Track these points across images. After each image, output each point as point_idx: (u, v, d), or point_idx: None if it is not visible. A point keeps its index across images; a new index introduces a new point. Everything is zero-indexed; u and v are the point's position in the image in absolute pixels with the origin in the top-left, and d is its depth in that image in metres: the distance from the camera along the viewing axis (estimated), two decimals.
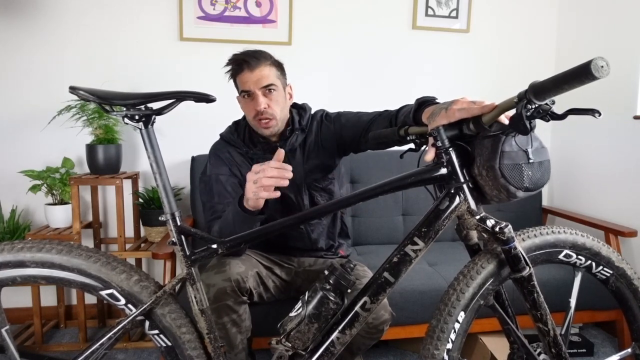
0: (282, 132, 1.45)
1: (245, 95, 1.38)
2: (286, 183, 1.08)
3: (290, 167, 1.09)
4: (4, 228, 2.13)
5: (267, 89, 1.36)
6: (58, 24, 2.19)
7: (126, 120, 0.93)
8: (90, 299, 2.24)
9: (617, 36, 2.20)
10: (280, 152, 1.10)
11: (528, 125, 0.81)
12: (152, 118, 0.95)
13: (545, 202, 2.62)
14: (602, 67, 0.68)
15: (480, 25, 2.55)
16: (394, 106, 1.34)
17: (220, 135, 1.53)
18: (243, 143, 1.46)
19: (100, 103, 0.92)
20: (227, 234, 1.13)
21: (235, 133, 1.49)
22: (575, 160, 2.49)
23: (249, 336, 1.39)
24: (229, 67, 1.39)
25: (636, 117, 2.08)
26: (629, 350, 1.14)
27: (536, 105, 0.81)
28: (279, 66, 1.42)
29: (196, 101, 0.95)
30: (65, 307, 2.28)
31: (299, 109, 1.51)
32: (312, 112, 1.53)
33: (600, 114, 0.79)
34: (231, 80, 1.44)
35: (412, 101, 1.16)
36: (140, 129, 0.94)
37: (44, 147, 2.24)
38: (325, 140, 1.47)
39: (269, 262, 1.51)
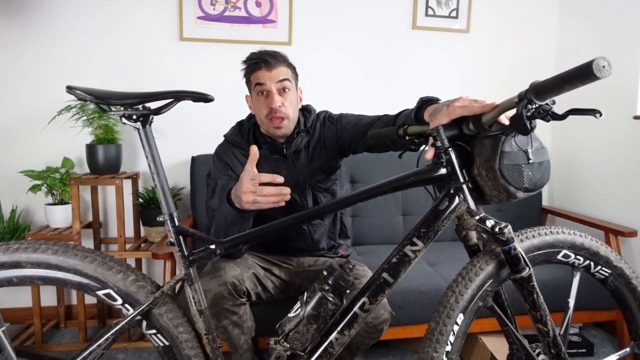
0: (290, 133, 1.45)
1: (260, 92, 1.37)
2: (283, 204, 1.09)
3: (285, 187, 1.07)
4: (4, 228, 2.13)
5: (283, 87, 1.36)
6: (58, 23, 2.19)
7: (124, 120, 0.93)
8: (90, 299, 2.23)
9: (617, 36, 2.20)
10: (254, 151, 1.08)
11: (528, 126, 0.80)
12: (150, 118, 0.95)
13: (545, 202, 2.62)
14: (604, 67, 0.67)
15: (480, 25, 2.54)
16: (393, 106, 1.34)
17: (224, 136, 1.52)
18: (247, 144, 1.44)
19: (98, 103, 0.92)
20: (222, 235, 1.14)
21: (239, 134, 1.48)
22: (575, 160, 2.48)
23: (254, 336, 1.39)
24: (244, 65, 1.40)
25: (636, 117, 2.08)
26: (628, 349, 1.14)
27: (537, 106, 0.80)
28: (294, 69, 1.44)
29: (194, 101, 0.95)
30: (65, 307, 2.28)
31: (303, 111, 1.51)
32: (316, 113, 1.53)
33: (601, 114, 0.78)
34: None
35: (411, 102, 1.16)
36: (138, 129, 0.94)
37: (44, 147, 2.23)
38: (328, 141, 1.47)
39: (266, 263, 1.51)
